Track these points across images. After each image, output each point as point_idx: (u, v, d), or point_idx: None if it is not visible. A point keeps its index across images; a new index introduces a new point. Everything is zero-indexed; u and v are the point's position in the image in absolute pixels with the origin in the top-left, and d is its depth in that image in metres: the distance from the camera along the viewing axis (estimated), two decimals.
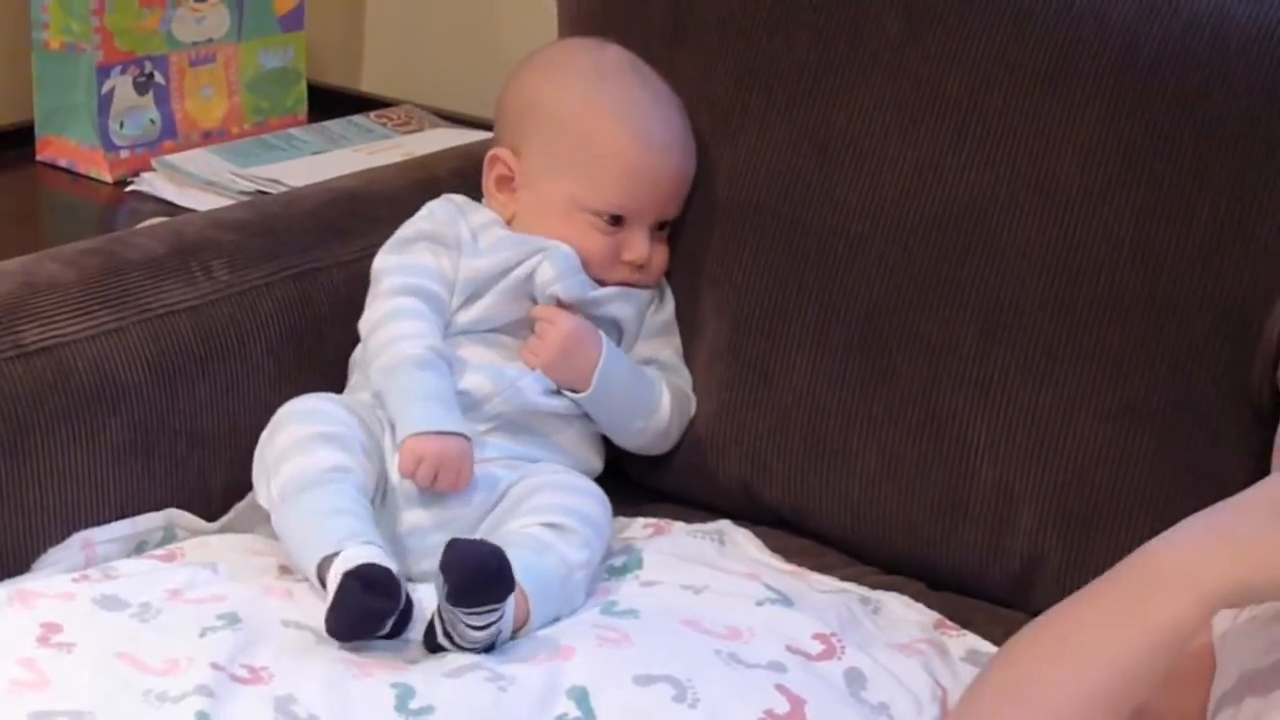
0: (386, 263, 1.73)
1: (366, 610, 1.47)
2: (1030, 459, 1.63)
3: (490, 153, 1.80)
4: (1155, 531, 1.54)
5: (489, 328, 1.72)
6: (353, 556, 1.50)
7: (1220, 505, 1.22)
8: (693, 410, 1.80)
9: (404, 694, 1.41)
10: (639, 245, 1.75)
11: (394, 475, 1.64)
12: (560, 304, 1.73)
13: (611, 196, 1.73)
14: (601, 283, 1.75)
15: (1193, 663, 1.32)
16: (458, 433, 1.62)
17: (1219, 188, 1.58)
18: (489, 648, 1.48)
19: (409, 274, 1.71)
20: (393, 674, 1.44)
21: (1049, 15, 1.67)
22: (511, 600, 1.48)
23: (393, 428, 1.65)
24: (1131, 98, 1.62)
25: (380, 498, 1.63)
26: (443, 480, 1.62)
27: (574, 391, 1.71)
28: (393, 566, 1.50)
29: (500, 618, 1.47)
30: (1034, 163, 1.66)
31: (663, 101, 1.78)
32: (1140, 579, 1.22)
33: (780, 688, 1.44)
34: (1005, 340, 1.65)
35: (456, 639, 1.47)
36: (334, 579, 1.48)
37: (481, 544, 1.48)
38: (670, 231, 1.80)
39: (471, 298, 1.72)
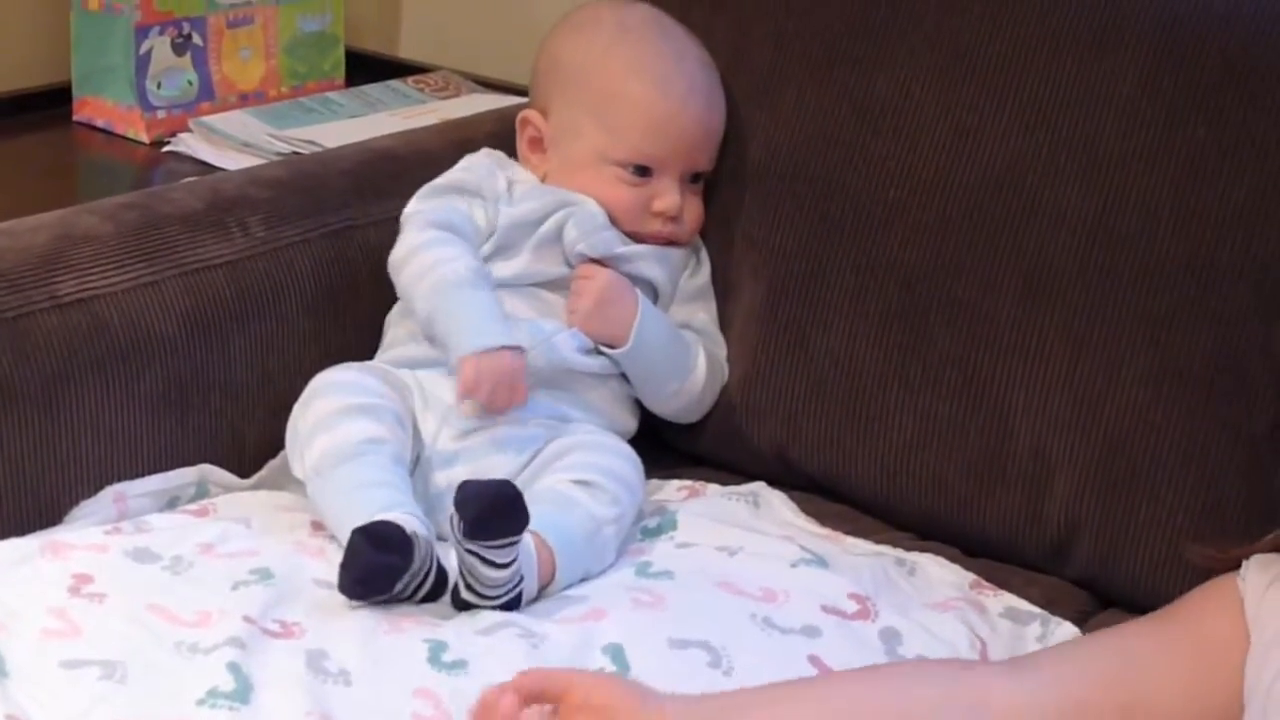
0: (416, 207, 1.74)
1: (373, 566, 1.46)
2: (1068, 424, 1.62)
3: (521, 115, 1.80)
4: (1192, 497, 1.56)
5: (527, 282, 1.72)
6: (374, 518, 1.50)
7: None
8: (725, 378, 1.79)
9: (436, 648, 1.41)
10: (669, 195, 1.75)
11: (428, 437, 1.64)
12: (593, 261, 1.72)
13: (635, 145, 1.73)
14: (637, 238, 1.75)
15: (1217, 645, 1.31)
16: (512, 346, 1.63)
17: (1262, 152, 1.56)
18: (513, 603, 1.48)
19: (441, 212, 1.72)
20: (425, 630, 1.44)
21: None
22: (530, 550, 1.48)
23: (420, 386, 1.66)
24: (1173, 62, 1.61)
25: (414, 462, 1.63)
26: (499, 400, 1.62)
27: (611, 348, 1.71)
28: (420, 530, 1.49)
29: (516, 558, 1.46)
30: (1074, 128, 1.65)
31: (688, 56, 1.78)
32: None
33: (813, 658, 1.43)
34: (1044, 305, 1.64)
35: (477, 587, 1.47)
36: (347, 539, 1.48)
37: (494, 480, 1.48)
38: (706, 192, 1.79)
39: (507, 249, 1.72)
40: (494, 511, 1.44)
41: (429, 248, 1.69)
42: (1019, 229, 1.66)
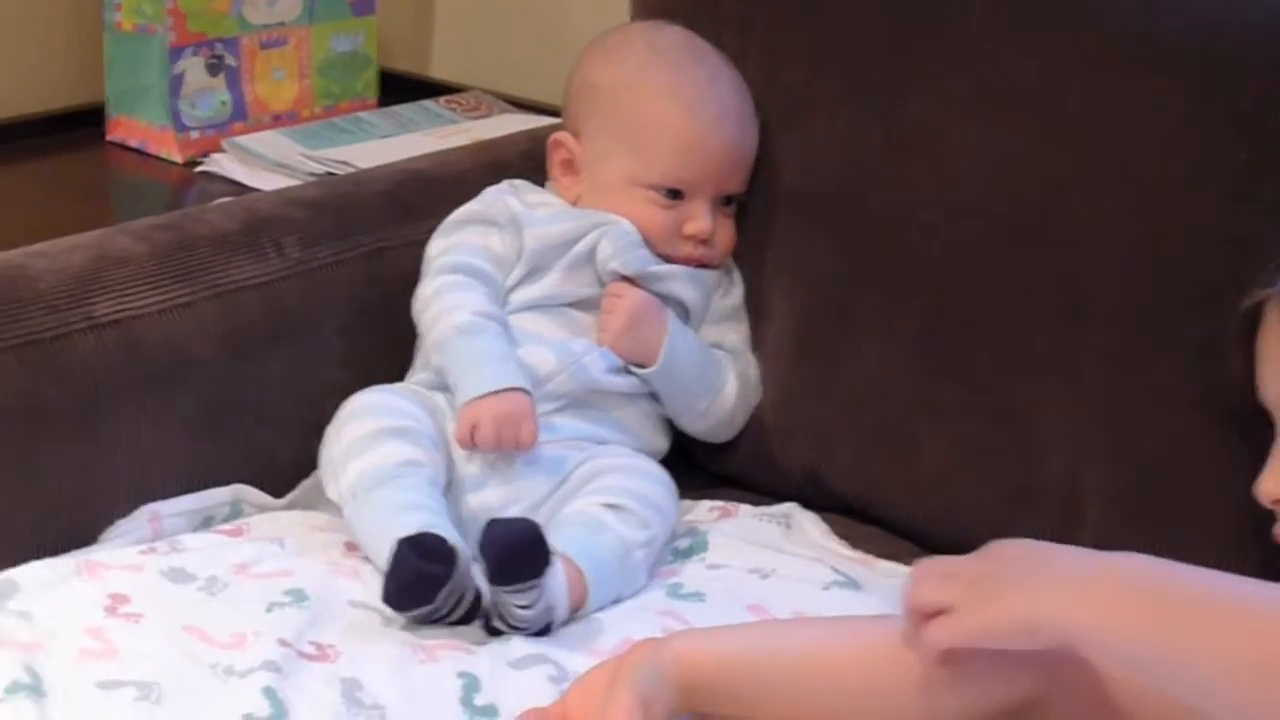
0: (435, 247, 1.75)
1: (420, 574, 1.45)
2: (1103, 451, 1.60)
3: (552, 137, 1.80)
4: (1228, 529, 1.54)
5: (559, 303, 1.72)
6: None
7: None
8: (758, 398, 1.79)
9: (469, 685, 1.41)
10: (701, 218, 1.75)
11: (459, 460, 1.64)
12: (624, 280, 1.73)
13: (666, 169, 1.73)
14: (669, 260, 1.75)
15: None
16: (512, 388, 1.62)
17: None
18: (545, 629, 1.48)
19: (455, 253, 1.72)
20: (459, 658, 1.44)
21: (1129, 4, 1.65)
22: (559, 577, 1.48)
23: (453, 408, 1.66)
24: (1212, 84, 1.59)
25: (446, 485, 1.63)
26: (505, 438, 1.61)
27: (641, 367, 1.71)
28: (461, 548, 1.49)
29: (541, 595, 1.46)
30: (1113, 152, 1.63)
31: (720, 78, 1.77)
32: None
33: None
34: (1082, 330, 1.62)
35: (509, 620, 1.47)
36: (392, 549, 1.48)
37: (518, 521, 1.49)
38: (738, 214, 1.79)
39: (538, 270, 1.72)
40: (515, 558, 1.45)
41: (438, 296, 1.70)
42: (1055, 252, 1.65)
